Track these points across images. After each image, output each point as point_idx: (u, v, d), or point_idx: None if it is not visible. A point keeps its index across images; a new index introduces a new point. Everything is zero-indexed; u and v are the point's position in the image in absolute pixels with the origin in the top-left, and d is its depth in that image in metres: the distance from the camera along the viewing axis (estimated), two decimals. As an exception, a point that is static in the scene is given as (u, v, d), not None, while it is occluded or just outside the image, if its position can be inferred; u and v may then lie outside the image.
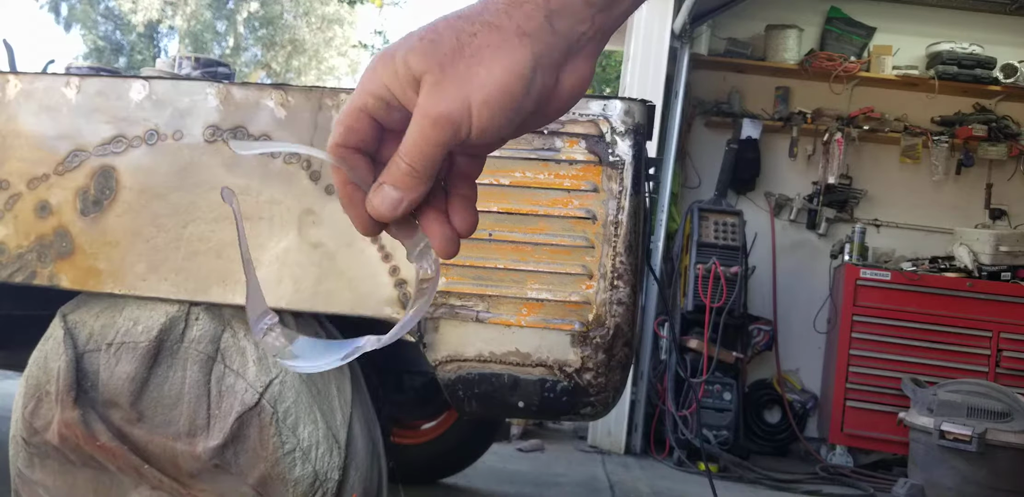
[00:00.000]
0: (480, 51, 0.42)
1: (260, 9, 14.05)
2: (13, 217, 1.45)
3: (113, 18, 14.03)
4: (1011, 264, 3.61)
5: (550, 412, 1.36)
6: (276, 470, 1.34)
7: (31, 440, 1.44)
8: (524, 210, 1.32)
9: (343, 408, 1.42)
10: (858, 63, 4.08)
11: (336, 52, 14.83)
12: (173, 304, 1.41)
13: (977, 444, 2.55)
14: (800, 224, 4.20)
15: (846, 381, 3.62)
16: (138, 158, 1.42)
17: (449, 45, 0.42)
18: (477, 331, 1.34)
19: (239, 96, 1.41)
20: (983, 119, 4.09)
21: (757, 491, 3.13)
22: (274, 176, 1.39)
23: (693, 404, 3.35)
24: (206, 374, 1.37)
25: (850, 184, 4.16)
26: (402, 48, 0.43)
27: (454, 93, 0.42)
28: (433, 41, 0.42)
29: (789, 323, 4.07)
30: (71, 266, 1.43)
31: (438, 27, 0.43)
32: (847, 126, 4.08)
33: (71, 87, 1.45)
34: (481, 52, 0.42)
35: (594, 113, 1.31)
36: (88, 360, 1.40)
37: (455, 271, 1.34)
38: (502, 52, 0.42)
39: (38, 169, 1.45)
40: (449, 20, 0.43)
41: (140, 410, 1.38)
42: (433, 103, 0.42)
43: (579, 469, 3.16)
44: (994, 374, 3.48)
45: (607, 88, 7.71)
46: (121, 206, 1.42)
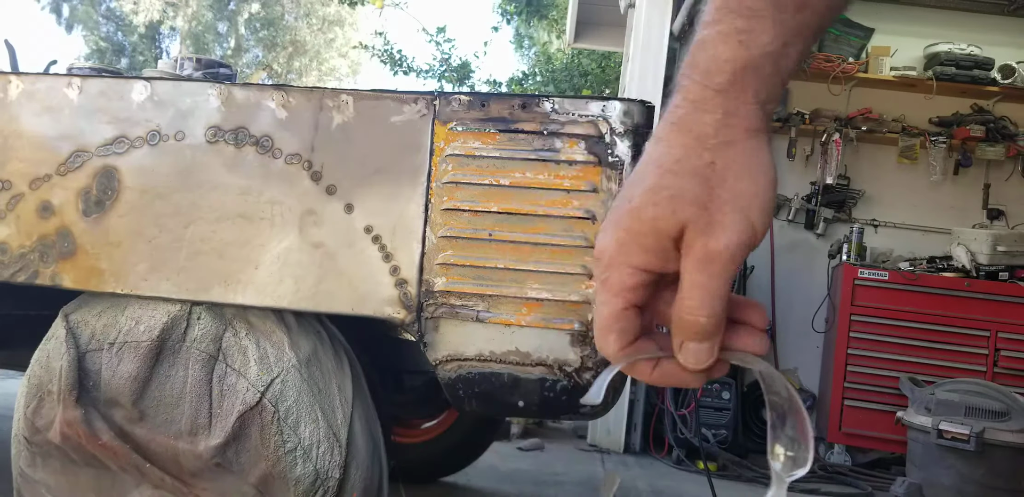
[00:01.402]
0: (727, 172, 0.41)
1: (261, 10, 14.05)
2: (15, 217, 1.46)
3: (115, 19, 14.02)
4: (1009, 264, 3.62)
5: (550, 411, 1.37)
6: (277, 469, 1.35)
7: (33, 439, 1.44)
8: (524, 210, 1.33)
9: (344, 407, 1.43)
10: (856, 64, 4.08)
11: (337, 53, 14.83)
12: (175, 304, 1.42)
13: (975, 443, 2.56)
14: (798, 224, 4.21)
15: (844, 380, 3.63)
16: (140, 158, 1.43)
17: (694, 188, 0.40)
18: (477, 330, 1.34)
19: (240, 97, 1.41)
20: (981, 120, 4.10)
21: (756, 490, 3.14)
22: (275, 176, 1.39)
23: (692, 403, 3.35)
24: (208, 373, 1.38)
25: (848, 184, 4.17)
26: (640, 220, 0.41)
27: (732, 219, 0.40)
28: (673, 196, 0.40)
29: (787, 323, 4.08)
30: (73, 266, 1.44)
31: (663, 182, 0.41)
32: (845, 127, 4.09)
33: (73, 88, 1.46)
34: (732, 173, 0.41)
35: (593, 114, 1.32)
36: (90, 359, 1.41)
37: (455, 271, 1.35)
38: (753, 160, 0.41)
39: (40, 169, 1.46)
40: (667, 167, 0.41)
41: (142, 409, 1.39)
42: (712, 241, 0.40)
43: (579, 468, 3.17)
44: (992, 373, 3.49)
45: (606, 89, 7.72)
46: (123, 206, 1.43)
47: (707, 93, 0.42)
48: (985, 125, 4.07)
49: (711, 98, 0.41)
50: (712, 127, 0.41)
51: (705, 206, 0.40)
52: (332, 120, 1.39)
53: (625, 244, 0.41)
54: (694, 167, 0.41)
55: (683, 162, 0.41)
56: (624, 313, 0.42)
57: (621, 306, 0.42)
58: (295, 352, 1.40)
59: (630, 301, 0.42)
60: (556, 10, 8.48)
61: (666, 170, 0.41)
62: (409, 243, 1.35)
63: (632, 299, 0.42)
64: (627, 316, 0.43)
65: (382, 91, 1.39)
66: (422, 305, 1.35)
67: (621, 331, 0.43)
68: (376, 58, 8.73)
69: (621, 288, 0.42)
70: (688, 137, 0.41)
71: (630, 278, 0.42)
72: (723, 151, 0.41)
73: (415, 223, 1.35)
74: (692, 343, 0.42)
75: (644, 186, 0.42)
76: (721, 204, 0.40)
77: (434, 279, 1.34)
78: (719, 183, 0.41)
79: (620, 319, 0.43)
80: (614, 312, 0.42)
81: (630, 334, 0.43)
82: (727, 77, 0.41)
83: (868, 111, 4.11)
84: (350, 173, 1.37)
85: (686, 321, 0.41)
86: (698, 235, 0.40)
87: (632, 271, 0.42)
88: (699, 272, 0.40)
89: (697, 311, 0.41)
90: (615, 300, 0.42)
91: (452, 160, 1.35)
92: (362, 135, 1.38)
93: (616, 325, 0.43)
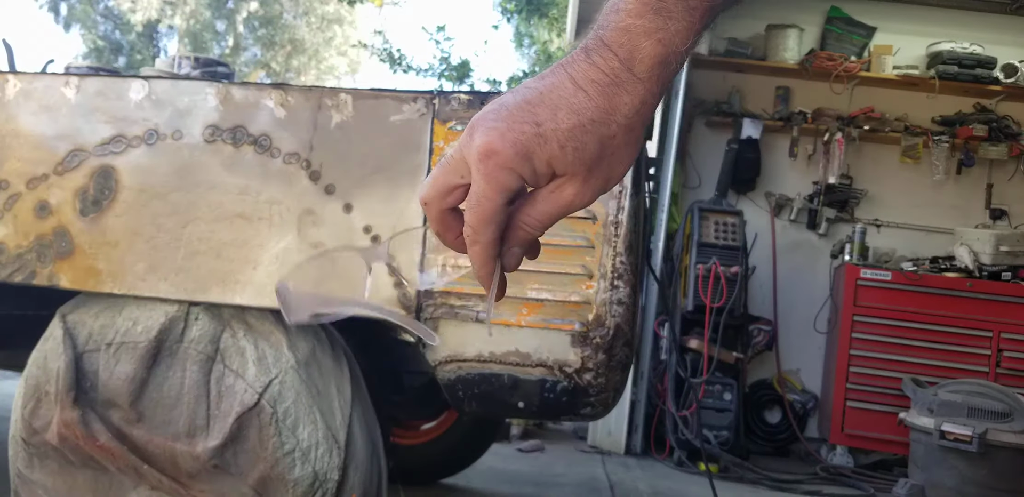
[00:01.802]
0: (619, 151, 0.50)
1: (260, 9, 14.05)
2: (12, 217, 1.45)
3: (112, 18, 14.03)
4: (1011, 264, 3.61)
5: (550, 412, 1.36)
6: (276, 470, 1.34)
7: (31, 440, 1.44)
8: (524, 210, 1.31)
9: (343, 408, 1.42)
10: (858, 63, 4.07)
11: (336, 52, 14.83)
12: (172, 304, 1.41)
13: (978, 444, 2.54)
14: (800, 224, 4.20)
15: (846, 381, 3.62)
16: (137, 158, 1.42)
17: (593, 152, 0.49)
18: (477, 331, 1.33)
19: (239, 96, 1.40)
20: (984, 119, 4.09)
21: (757, 491, 3.13)
22: (274, 176, 1.38)
23: (693, 404, 3.34)
24: (205, 374, 1.37)
25: (850, 184, 4.16)
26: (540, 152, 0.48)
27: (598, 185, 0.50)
28: (577, 149, 0.48)
29: (789, 323, 4.07)
30: (70, 266, 1.43)
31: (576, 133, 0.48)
32: (847, 126, 4.08)
33: (70, 87, 1.45)
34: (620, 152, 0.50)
35: (594, 113, 1.31)
36: (87, 360, 1.40)
37: (455, 271, 1.33)
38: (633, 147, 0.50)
39: (38, 169, 1.45)
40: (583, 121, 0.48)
41: (139, 410, 1.38)
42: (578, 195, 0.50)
43: (579, 469, 3.16)
44: (994, 374, 3.48)
45: (607, 88, 7.69)
46: (120, 206, 1.42)
47: (630, 77, 0.49)
48: (988, 124, 4.06)
49: (634, 83, 0.49)
50: (628, 108, 0.49)
51: (591, 168, 0.49)
52: (331, 119, 1.38)
53: (521, 158, 0.48)
54: (602, 135, 0.49)
55: (596, 126, 0.49)
56: (503, 207, 0.50)
57: (503, 202, 0.49)
58: (293, 353, 1.39)
59: (508, 199, 0.50)
60: (556, 8, 8.47)
61: (581, 124, 0.48)
62: (408, 243, 1.34)
63: (510, 198, 0.50)
64: (504, 210, 0.50)
65: (381, 90, 1.38)
66: (421, 306, 1.34)
67: (499, 223, 0.50)
68: (375, 57, 8.73)
69: (505, 187, 0.49)
70: (607, 104, 0.49)
71: (515, 182, 0.49)
72: (626, 133, 0.49)
73: (414, 223, 1.34)
74: (517, 248, 0.52)
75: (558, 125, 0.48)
76: (600, 171, 0.50)
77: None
78: (608, 155, 0.49)
79: (500, 212, 0.50)
80: (497, 206, 0.49)
81: (502, 227, 0.51)
82: (647, 69, 0.49)
83: (870, 110, 4.10)
84: (349, 172, 1.36)
85: (524, 232, 0.51)
86: (572, 186, 0.49)
87: (518, 177, 0.49)
88: (553, 206, 0.50)
89: (537, 228, 0.51)
90: (498, 197, 0.49)
91: (452, 159, 1.34)
92: (361, 134, 1.37)
93: (497, 217, 0.50)
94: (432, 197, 0.52)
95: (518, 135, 0.48)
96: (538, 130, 0.48)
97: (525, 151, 0.48)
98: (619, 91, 0.49)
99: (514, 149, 0.48)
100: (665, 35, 0.48)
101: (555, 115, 0.48)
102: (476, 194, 0.49)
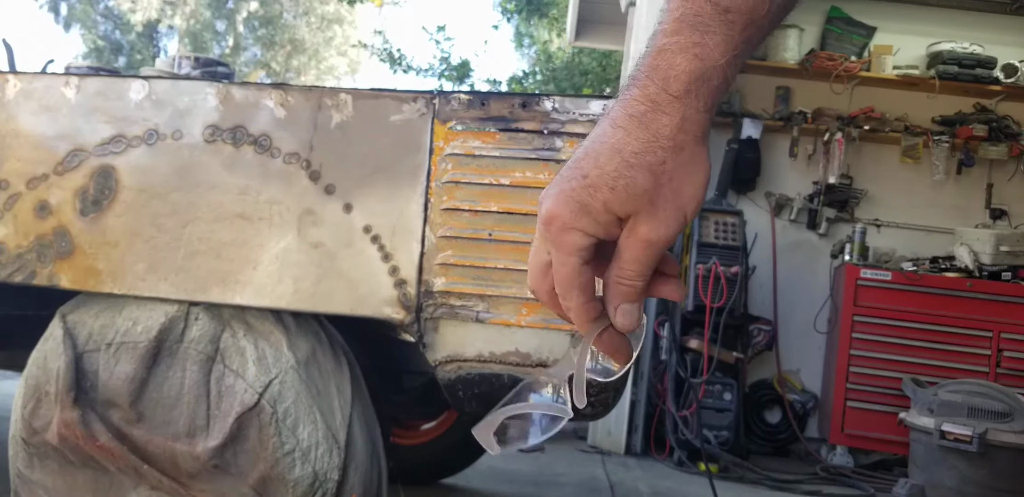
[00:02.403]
0: (677, 173, 0.48)
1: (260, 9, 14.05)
2: (12, 217, 1.45)
3: (112, 18, 14.03)
4: (1012, 264, 3.61)
5: (550, 412, 1.35)
6: (275, 470, 1.34)
7: (31, 440, 1.44)
8: (524, 210, 1.32)
9: (343, 408, 1.42)
10: (859, 63, 4.07)
11: (336, 51, 14.84)
12: (172, 304, 1.41)
13: (978, 444, 2.54)
14: (800, 224, 4.20)
15: (846, 381, 3.62)
16: (137, 158, 1.42)
17: (646, 183, 0.47)
18: (477, 331, 1.34)
19: (239, 96, 1.40)
20: (984, 119, 4.09)
21: (757, 491, 3.13)
22: (274, 176, 1.38)
23: (693, 404, 3.34)
24: (205, 374, 1.37)
25: (851, 184, 4.16)
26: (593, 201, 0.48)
27: (671, 215, 0.48)
28: (628, 186, 0.47)
29: (789, 323, 4.07)
30: (70, 266, 1.43)
31: (622, 171, 0.47)
32: (848, 126, 4.08)
33: (70, 87, 1.45)
34: (678, 174, 0.48)
35: (594, 113, 1.31)
36: (87, 360, 1.40)
37: (455, 271, 1.34)
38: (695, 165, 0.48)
39: (37, 169, 1.45)
40: (625, 157, 0.47)
41: (139, 410, 1.38)
42: (652, 230, 0.48)
43: (579, 469, 3.16)
44: (995, 374, 3.48)
45: (607, 88, 7.71)
46: (120, 206, 1.42)
47: (666, 97, 0.48)
48: (988, 124, 4.06)
49: (670, 103, 0.47)
50: (669, 129, 0.48)
51: (652, 200, 0.48)
52: (331, 119, 1.38)
53: (578, 214, 0.48)
54: (649, 163, 0.47)
55: (641, 156, 0.47)
56: (583, 268, 0.49)
57: (579, 263, 0.49)
58: (293, 353, 1.39)
59: (584, 259, 0.49)
60: (556, 8, 8.47)
61: (624, 160, 0.48)
62: (408, 243, 1.34)
63: (586, 257, 0.49)
64: (585, 271, 0.49)
65: (381, 90, 1.38)
66: (421, 305, 1.34)
67: (583, 286, 0.49)
68: (375, 57, 8.73)
69: (576, 249, 0.48)
70: (647, 133, 0.48)
71: (583, 240, 0.48)
72: (675, 154, 0.48)
73: (414, 223, 1.34)
74: (627, 305, 0.50)
75: (603, 169, 0.48)
76: (665, 200, 0.48)
77: (433, 279, 1.33)
78: (666, 181, 0.48)
79: (580, 274, 0.49)
80: (574, 269, 0.49)
81: (590, 288, 0.50)
82: (683, 86, 0.47)
83: (870, 110, 4.10)
84: (349, 172, 1.36)
85: (624, 286, 0.49)
86: (643, 223, 0.48)
87: (584, 235, 0.48)
88: (640, 252, 0.48)
89: (635, 279, 0.49)
90: (572, 259, 0.49)
91: (452, 159, 1.34)
92: (361, 134, 1.37)
93: (577, 280, 0.49)
94: (534, 281, 0.51)
95: (569, 193, 0.48)
96: (585, 181, 0.48)
97: (579, 206, 0.48)
98: (657, 116, 0.48)
99: (568, 207, 0.48)
100: (702, 50, 0.47)
101: (598, 161, 0.48)
102: (553, 262, 0.49)
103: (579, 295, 0.49)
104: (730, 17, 0.47)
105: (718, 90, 0.48)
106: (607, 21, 5.02)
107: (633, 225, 0.48)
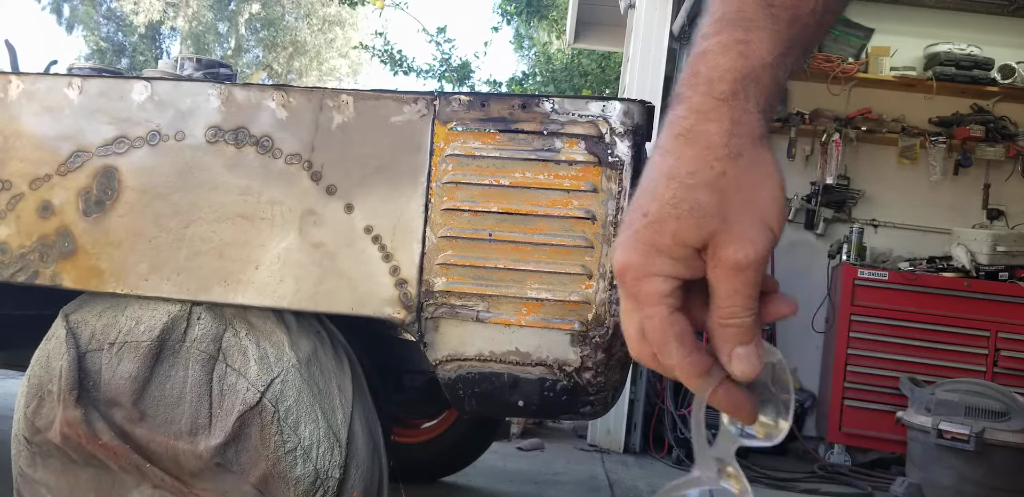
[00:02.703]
0: (742, 182, 0.42)
1: (262, 10, 14.07)
2: (15, 217, 1.46)
3: (115, 19, 14.04)
4: (1008, 264, 3.62)
5: (550, 411, 1.37)
6: (277, 469, 1.35)
7: (33, 439, 1.45)
8: (524, 210, 1.33)
9: (344, 407, 1.43)
10: (856, 64, 4.08)
11: (337, 53, 14.85)
12: (175, 304, 1.42)
13: (975, 443, 2.56)
14: (798, 224, 4.21)
15: (844, 380, 3.63)
16: (140, 158, 1.43)
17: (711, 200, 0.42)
18: (477, 331, 1.35)
19: (241, 97, 1.42)
20: (981, 120, 4.10)
21: (755, 490, 3.12)
22: (275, 177, 1.39)
23: (692, 403, 3.35)
24: (208, 373, 1.38)
25: (848, 184, 4.17)
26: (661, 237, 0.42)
27: (753, 228, 0.42)
28: (693, 208, 0.42)
29: (787, 322, 4.07)
30: (73, 266, 1.44)
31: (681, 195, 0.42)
32: (845, 127, 4.09)
33: (73, 88, 1.46)
34: (745, 183, 0.42)
35: (593, 114, 1.32)
36: (90, 359, 1.41)
37: (455, 271, 1.35)
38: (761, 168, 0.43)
39: (40, 169, 1.46)
40: (681, 180, 0.42)
41: (142, 409, 1.39)
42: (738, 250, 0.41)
43: (578, 468, 3.17)
44: (992, 373, 3.49)
45: (606, 89, 7.72)
46: (123, 206, 1.43)
47: (712, 102, 0.43)
48: (985, 125, 4.07)
49: (716, 107, 0.43)
50: (720, 137, 0.42)
51: (725, 217, 0.42)
52: (332, 120, 1.39)
53: (650, 256, 0.42)
54: (708, 179, 0.42)
55: (697, 174, 0.42)
56: (674, 317, 0.43)
57: (668, 312, 0.43)
58: (295, 352, 1.40)
59: (673, 306, 0.43)
60: (556, 10, 8.48)
61: (680, 183, 0.42)
62: (409, 243, 1.36)
63: (673, 303, 0.43)
64: (678, 320, 0.43)
65: (382, 91, 1.40)
66: (422, 305, 1.35)
67: (678, 336, 0.43)
68: (376, 58, 8.73)
69: (660, 296, 0.43)
70: (697, 148, 0.43)
71: (664, 285, 0.43)
72: (733, 162, 0.42)
73: (415, 223, 1.35)
74: (741, 347, 0.42)
75: (662, 201, 0.42)
76: (739, 214, 0.42)
77: (434, 279, 1.34)
78: (734, 193, 0.42)
79: (673, 324, 0.43)
80: (664, 319, 0.43)
81: (689, 338, 0.43)
82: (729, 86, 0.43)
83: (868, 111, 4.11)
84: (350, 173, 1.37)
85: (731, 326, 0.42)
86: (724, 246, 0.41)
87: (664, 278, 0.43)
88: (733, 280, 0.42)
89: (741, 314, 0.42)
90: (658, 309, 0.43)
91: (452, 160, 1.35)
92: (362, 135, 1.38)
93: (671, 331, 0.43)
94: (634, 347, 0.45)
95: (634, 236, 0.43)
96: (647, 219, 0.43)
97: (649, 247, 0.42)
98: (704, 126, 0.43)
99: (637, 252, 0.43)
100: (747, 47, 0.43)
101: (655, 194, 0.43)
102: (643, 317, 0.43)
103: (678, 348, 0.43)
104: (774, 11, 0.44)
105: (769, 91, 0.43)
106: (606, 23, 5.03)
107: (714, 252, 0.42)
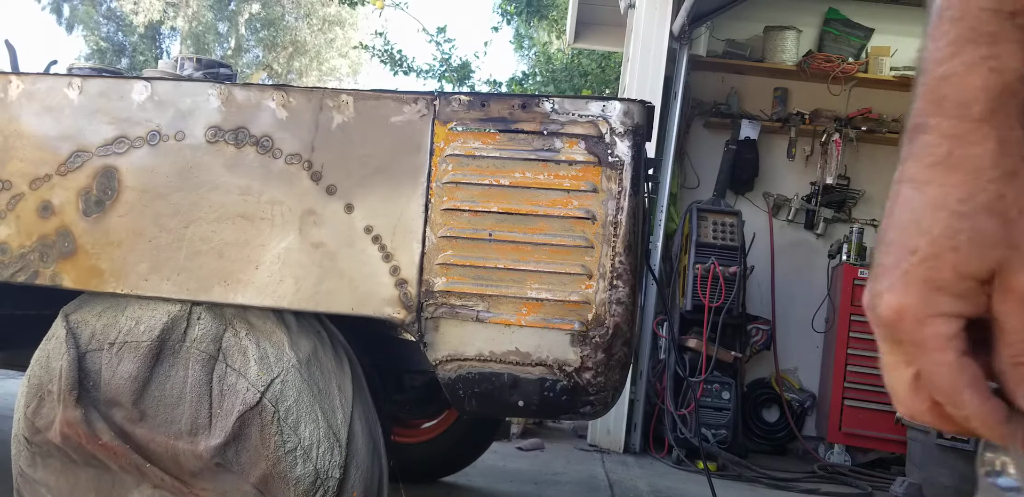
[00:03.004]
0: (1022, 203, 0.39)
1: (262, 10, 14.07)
2: (15, 217, 1.46)
3: (115, 19, 14.04)
4: (1009, 264, 3.62)
5: (550, 411, 1.37)
6: (277, 469, 1.35)
7: (33, 439, 1.45)
8: (524, 210, 1.33)
9: (344, 407, 1.43)
10: (856, 64, 4.09)
11: (337, 53, 14.86)
12: (175, 304, 1.42)
13: (975, 443, 2.55)
14: (798, 224, 4.21)
15: (844, 380, 3.63)
16: (140, 158, 1.43)
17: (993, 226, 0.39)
18: (477, 331, 1.35)
19: (241, 97, 1.42)
20: (981, 119, 4.10)
21: (756, 490, 3.14)
22: (275, 177, 1.39)
23: (692, 403, 3.35)
24: (208, 373, 1.38)
25: (848, 184, 4.17)
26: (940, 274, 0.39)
27: None
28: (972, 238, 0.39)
29: (787, 323, 4.08)
30: (73, 266, 1.44)
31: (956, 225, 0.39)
32: (845, 127, 4.09)
33: (73, 88, 1.46)
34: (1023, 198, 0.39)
35: (593, 114, 1.32)
36: (90, 359, 1.41)
37: (455, 271, 1.35)
38: None
39: (40, 169, 1.46)
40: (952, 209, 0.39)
41: (142, 409, 1.39)
42: None
43: (578, 468, 3.17)
44: (992, 374, 3.49)
45: (606, 89, 7.72)
46: (123, 206, 1.43)
47: (969, 125, 0.40)
48: (985, 125, 4.07)
49: (976, 129, 0.40)
50: (987, 159, 0.39)
51: (1013, 243, 0.38)
52: (332, 120, 1.39)
53: (929, 295, 0.39)
54: (985, 204, 0.39)
55: (969, 201, 0.39)
56: (962, 361, 0.39)
57: (957, 355, 0.39)
58: (295, 352, 1.40)
59: (961, 349, 0.39)
60: (556, 10, 8.48)
61: (951, 212, 0.39)
62: (409, 243, 1.36)
63: (962, 347, 0.39)
64: (968, 364, 0.39)
65: (382, 91, 1.40)
66: (422, 305, 1.35)
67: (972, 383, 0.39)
68: (376, 58, 8.73)
69: (945, 340, 0.39)
70: (962, 173, 0.40)
71: (949, 326, 0.39)
72: (1009, 183, 0.39)
73: (415, 223, 1.35)
74: None
75: (931, 234, 0.39)
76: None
77: (434, 279, 1.35)
78: (1017, 216, 0.39)
79: (964, 370, 0.39)
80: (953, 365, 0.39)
81: (983, 382, 0.39)
82: (987, 105, 0.40)
83: (868, 111, 4.11)
84: (350, 173, 1.37)
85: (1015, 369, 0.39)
86: (1015, 274, 0.38)
87: (947, 319, 0.39)
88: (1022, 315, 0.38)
89: None
90: (945, 354, 0.39)
91: (452, 160, 1.35)
92: (362, 135, 1.38)
93: (963, 378, 0.39)
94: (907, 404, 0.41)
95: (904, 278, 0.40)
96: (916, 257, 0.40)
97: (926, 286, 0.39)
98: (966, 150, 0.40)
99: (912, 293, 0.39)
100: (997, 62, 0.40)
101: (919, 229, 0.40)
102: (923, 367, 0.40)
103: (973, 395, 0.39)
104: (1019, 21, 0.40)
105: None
106: (606, 23, 5.03)
107: (1003, 282, 0.38)
